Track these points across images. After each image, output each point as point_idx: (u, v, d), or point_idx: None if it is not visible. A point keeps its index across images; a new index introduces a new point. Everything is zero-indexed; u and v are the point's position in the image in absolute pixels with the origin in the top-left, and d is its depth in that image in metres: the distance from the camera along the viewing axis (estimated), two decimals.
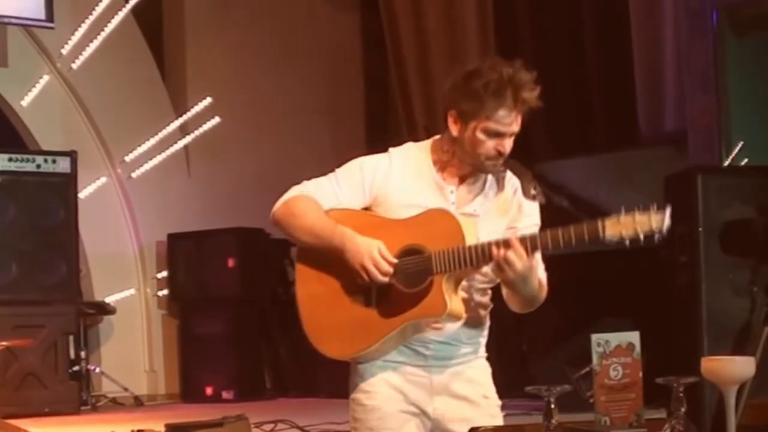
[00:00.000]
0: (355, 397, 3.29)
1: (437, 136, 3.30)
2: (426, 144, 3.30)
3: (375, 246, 3.13)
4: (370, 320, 3.16)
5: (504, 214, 3.28)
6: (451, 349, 3.28)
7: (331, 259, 3.19)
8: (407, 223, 3.17)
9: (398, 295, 3.15)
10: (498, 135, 3.13)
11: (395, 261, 3.14)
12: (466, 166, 3.22)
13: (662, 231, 2.95)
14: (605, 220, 2.98)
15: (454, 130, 3.17)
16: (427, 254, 3.12)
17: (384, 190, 3.22)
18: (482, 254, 3.08)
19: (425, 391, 3.26)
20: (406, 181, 3.22)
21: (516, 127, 3.16)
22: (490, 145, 3.14)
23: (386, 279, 3.13)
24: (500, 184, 3.26)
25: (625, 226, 2.96)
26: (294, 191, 3.27)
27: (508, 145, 3.16)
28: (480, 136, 3.13)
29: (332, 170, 3.32)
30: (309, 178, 3.31)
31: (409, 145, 3.33)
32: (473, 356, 3.33)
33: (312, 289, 3.23)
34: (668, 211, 2.95)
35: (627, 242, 3.00)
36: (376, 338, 3.17)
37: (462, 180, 3.25)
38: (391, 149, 3.30)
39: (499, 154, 3.16)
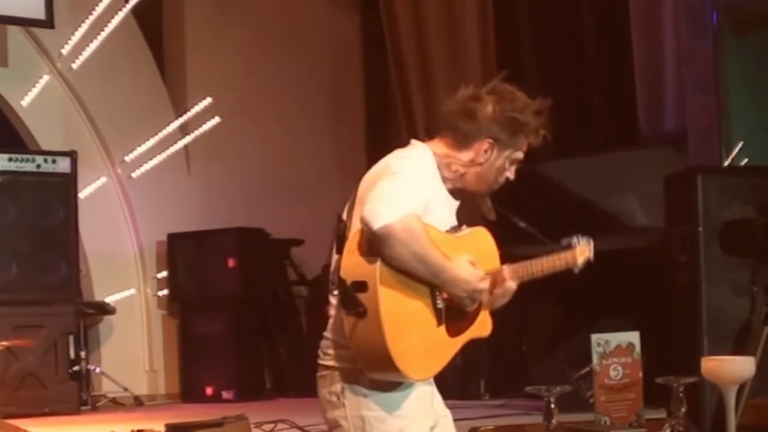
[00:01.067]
0: (376, 415, 3.15)
1: (434, 145, 3.29)
2: (430, 157, 3.26)
3: (479, 275, 3.16)
4: (442, 339, 3.16)
5: None
6: None
7: (414, 278, 3.09)
8: (462, 241, 3.22)
9: (462, 314, 3.20)
10: (516, 164, 3.33)
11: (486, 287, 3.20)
12: (457, 185, 3.29)
13: (591, 260, 3.41)
14: (574, 250, 3.39)
15: (481, 156, 3.24)
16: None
17: (421, 212, 3.17)
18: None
19: (428, 398, 3.27)
20: (437, 204, 3.23)
21: None
22: (507, 173, 3.31)
23: None
24: None
25: (581, 254, 3.38)
26: (400, 206, 3.03)
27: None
28: (507, 164, 3.30)
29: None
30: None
31: (430, 163, 3.25)
32: None
33: (397, 309, 3.06)
34: (592, 242, 3.42)
35: (577, 270, 3.38)
36: (447, 357, 3.19)
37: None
38: (423, 168, 3.22)
39: (507, 180, 3.33)
